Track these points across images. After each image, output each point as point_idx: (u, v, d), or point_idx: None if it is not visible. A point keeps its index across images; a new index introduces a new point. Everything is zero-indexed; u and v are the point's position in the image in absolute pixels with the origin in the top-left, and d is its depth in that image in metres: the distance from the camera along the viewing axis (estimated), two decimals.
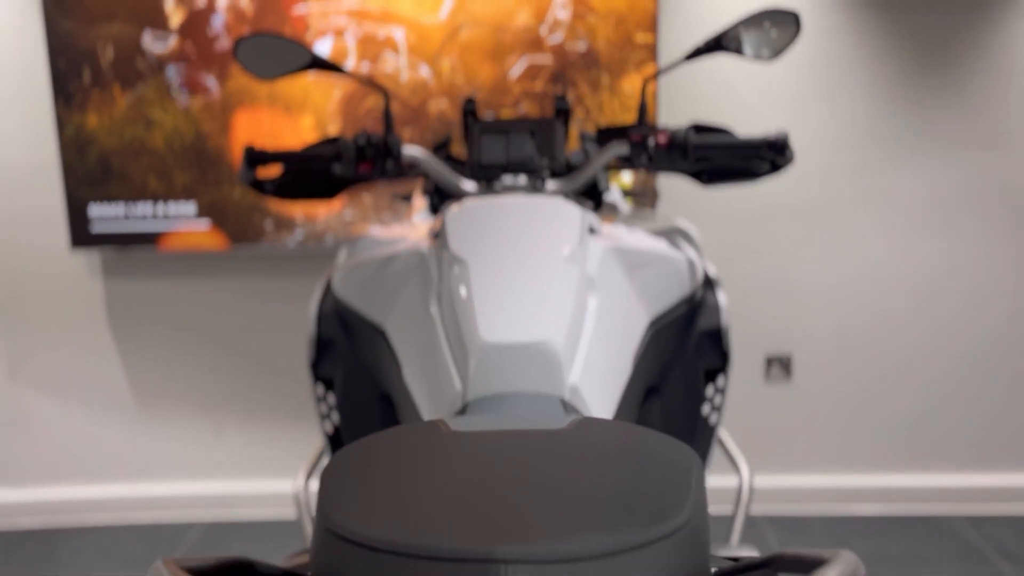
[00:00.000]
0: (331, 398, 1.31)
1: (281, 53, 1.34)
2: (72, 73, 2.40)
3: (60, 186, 2.51)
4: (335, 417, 1.31)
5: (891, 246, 2.59)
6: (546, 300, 0.96)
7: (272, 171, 1.40)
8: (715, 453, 1.35)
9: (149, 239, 2.50)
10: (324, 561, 0.46)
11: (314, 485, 1.48)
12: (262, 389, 2.69)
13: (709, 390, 1.35)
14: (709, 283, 1.30)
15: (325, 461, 1.52)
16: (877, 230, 2.59)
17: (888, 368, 2.65)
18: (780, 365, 2.64)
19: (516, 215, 1.12)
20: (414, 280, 1.11)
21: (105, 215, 2.48)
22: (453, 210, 1.15)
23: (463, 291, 0.97)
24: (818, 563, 0.44)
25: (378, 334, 1.14)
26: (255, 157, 1.32)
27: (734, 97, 2.51)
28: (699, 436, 1.30)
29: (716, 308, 1.29)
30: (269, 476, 2.71)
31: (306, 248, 2.50)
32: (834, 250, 2.60)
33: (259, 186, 1.38)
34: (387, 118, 1.36)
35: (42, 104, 2.49)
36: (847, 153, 2.55)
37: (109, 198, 2.47)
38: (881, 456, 2.70)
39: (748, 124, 1.80)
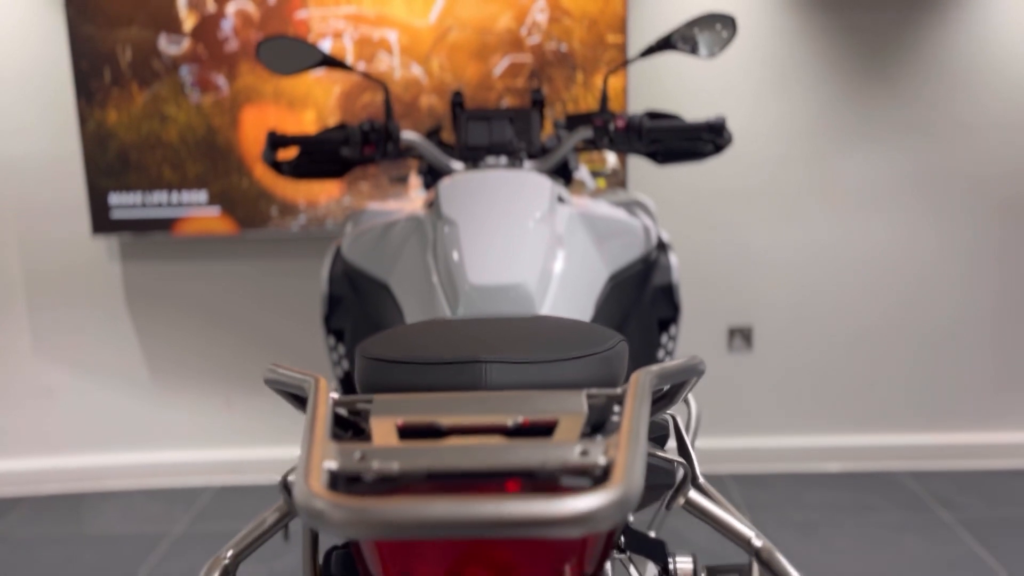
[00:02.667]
0: (341, 348, 1.53)
1: (296, 53, 1.57)
2: (93, 73, 2.62)
3: (82, 177, 2.72)
4: (345, 364, 1.53)
5: (842, 226, 2.82)
6: (521, 252, 1.19)
7: (288, 154, 1.63)
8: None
9: (164, 225, 2.71)
10: (364, 379, 0.69)
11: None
12: (268, 362, 2.89)
13: (663, 337, 1.58)
14: (662, 246, 1.52)
15: None
16: (829, 211, 2.82)
17: (840, 338, 2.89)
18: (742, 336, 2.88)
19: (497, 185, 1.34)
20: (413, 240, 1.33)
21: (123, 203, 2.69)
22: (445, 182, 1.37)
23: (454, 245, 1.19)
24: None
25: (382, 288, 1.36)
26: (277, 140, 1.55)
27: (696, 93, 2.74)
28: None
29: (668, 267, 1.51)
30: (275, 443, 2.91)
31: (308, 231, 2.72)
32: (790, 230, 2.83)
33: (278, 166, 1.61)
34: (387, 107, 1.59)
35: (66, 102, 2.70)
36: (800, 142, 2.78)
37: (127, 187, 2.68)
38: (834, 419, 2.93)
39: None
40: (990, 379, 2.91)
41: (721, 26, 1.56)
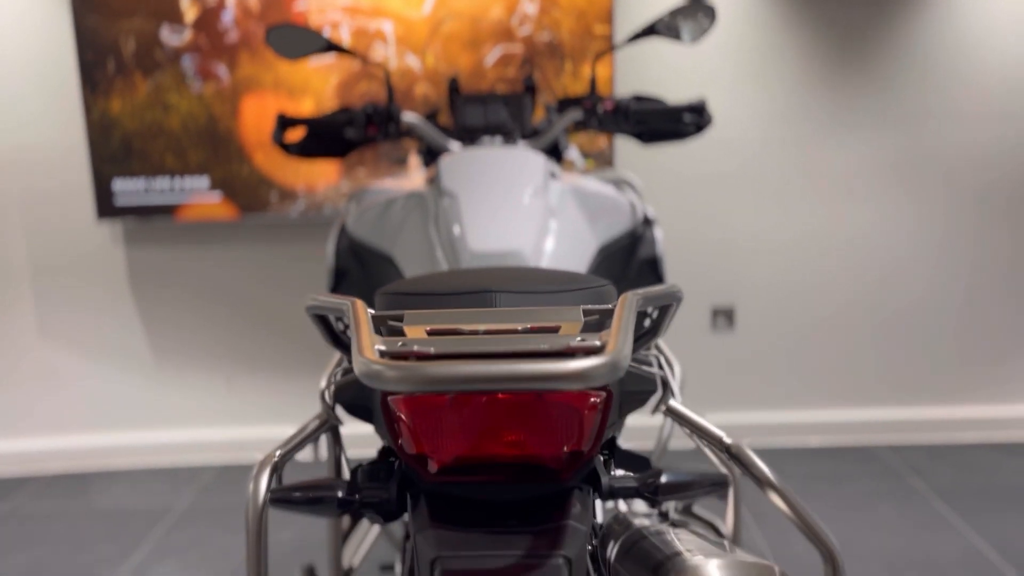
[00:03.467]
0: (347, 319, 1.62)
1: (302, 39, 1.66)
2: (97, 63, 2.70)
3: (87, 164, 2.80)
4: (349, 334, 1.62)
5: (820, 209, 2.94)
6: (518, 222, 1.28)
7: (296, 135, 1.72)
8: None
9: (167, 210, 2.80)
10: (387, 305, 0.79)
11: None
12: (268, 344, 2.99)
13: (649, 307, 1.69)
14: (648, 221, 1.62)
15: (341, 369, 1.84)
16: (807, 196, 2.94)
17: (819, 318, 3.01)
18: (724, 316, 2.99)
19: (494, 161, 1.44)
20: (415, 214, 1.43)
21: (127, 189, 2.78)
22: (445, 159, 1.47)
23: (455, 216, 1.29)
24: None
25: (387, 260, 1.45)
26: (286, 121, 1.64)
27: (680, 82, 2.85)
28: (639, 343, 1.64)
29: (653, 241, 1.61)
30: (275, 422, 3.00)
31: (307, 217, 2.81)
32: (771, 214, 2.95)
33: (286, 147, 1.71)
34: (388, 90, 1.69)
35: (71, 91, 2.78)
36: (780, 129, 2.89)
37: (131, 174, 2.77)
38: (814, 395, 3.05)
39: None
40: (962, 357, 3.04)
41: (703, 15, 1.66)
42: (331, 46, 1.65)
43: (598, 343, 0.53)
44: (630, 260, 1.59)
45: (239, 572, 2.26)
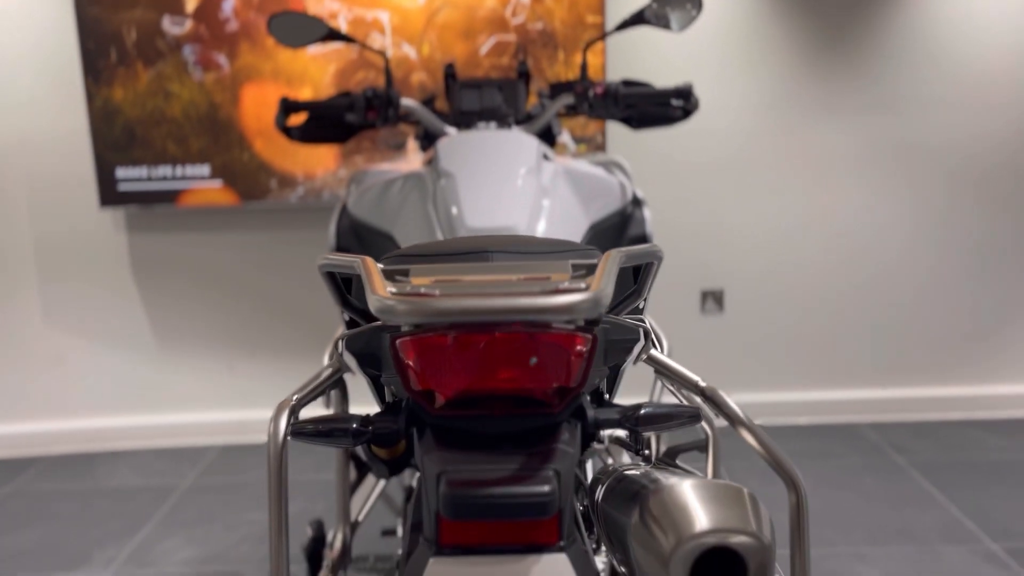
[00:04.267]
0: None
1: (304, 27, 1.72)
2: (100, 53, 2.76)
3: (90, 152, 2.86)
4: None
5: (806, 195, 3.02)
6: (512, 199, 1.35)
7: (297, 120, 1.78)
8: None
9: (169, 197, 2.86)
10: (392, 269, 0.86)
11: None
12: (269, 328, 3.06)
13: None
14: (637, 201, 1.69)
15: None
16: (794, 182, 3.01)
17: (805, 300, 3.09)
18: (714, 299, 3.07)
19: (490, 142, 1.51)
20: (414, 194, 1.49)
21: (130, 176, 2.84)
22: (442, 141, 1.54)
23: (452, 195, 1.35)
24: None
25: (387, 238, 1.52)
26: (289, 105, 1.70)
27: (672, 70, 2.92)
28: (624, 303, 1.72)
29: (643, 220, 1.69)
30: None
31: (306, 203, 2.88)
32: (758, 199, 3.02)
33: (288, 131, 1.77)
34: (387, 76, 1.75)
35: (74, 80, 2.84)
36: (767, 116, 2.97)
37: (133, 161, 2.83)
38: (801, 375, 3.14)
39: None
40: (944, 338, 3.12)
41: (690, 4, 1.73)
42: (332, 33, 1.71)
43: (583, 285, 0.60)
44: (620, 238, 1.66)
45: (244, 545, 2.34)
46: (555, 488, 0.59)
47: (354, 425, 0.72)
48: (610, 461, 1.21)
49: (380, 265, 0.72)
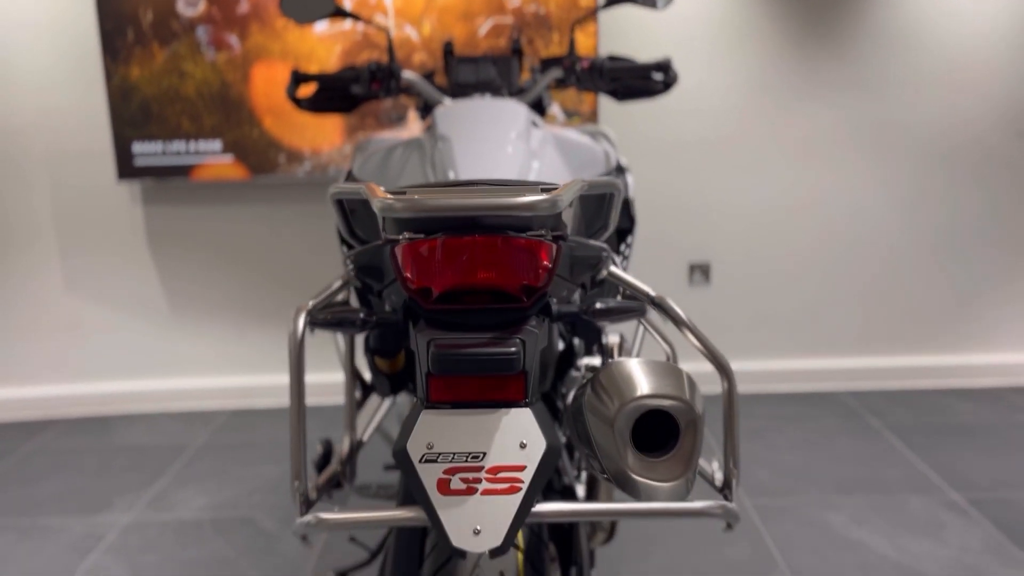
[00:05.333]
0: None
1: (313, 3, 1.87)
2: (118, 33, 2.91)
3: (108, 127, 3.01)
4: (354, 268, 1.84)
5: (789, 172, 3.16)
6: (503, 160, 1.50)
7: (307, 91, 1.93)
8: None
9: (182, 171, 3.01)
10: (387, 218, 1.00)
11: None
12: (277, 297, 3.21)
13: (621, 245, 1.91)
14: (620, 168, 1.84)
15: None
16: (778, 159, 3.16)
17: (789, 273, 3.24)
18: (701, 271, 3.22)
19: (483, 109, 1.66)
20: (414, 157, 1.64)
21: (146, 151, 2.99)
22: (440, 109, 1.69)
23: (448, 156, 1.50)
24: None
25: None
26: (300, 77, 1.85)
27: (660, 53, 3.06)
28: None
29: (626, 185, 1.83)
30: (283, 371, 3.23)
31: (312, 177, 3.02)
32: (744, 176, 3.17)
33: (298, 101, 1.92)
34: (390, 50, 1.89)
35: (93, 60, 2.98)
36: (752, 97, 3.11)
37: (149, 137, 2.98)
38: (783, 346, 3.29)
39: None
40: (921, 310, 3.27)
41: None
42: (340, 11, 1.85)
43: (550, 195, 0.75)
44: (602, 201, 1.80)
45: (257, 495, 2.49)
46: (520, 351, 0.75)
47: (361, 316, 0.87)
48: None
49: (382, 189, 0.87)
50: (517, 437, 0.75)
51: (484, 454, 0.75)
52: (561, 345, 1.34)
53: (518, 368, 0.74)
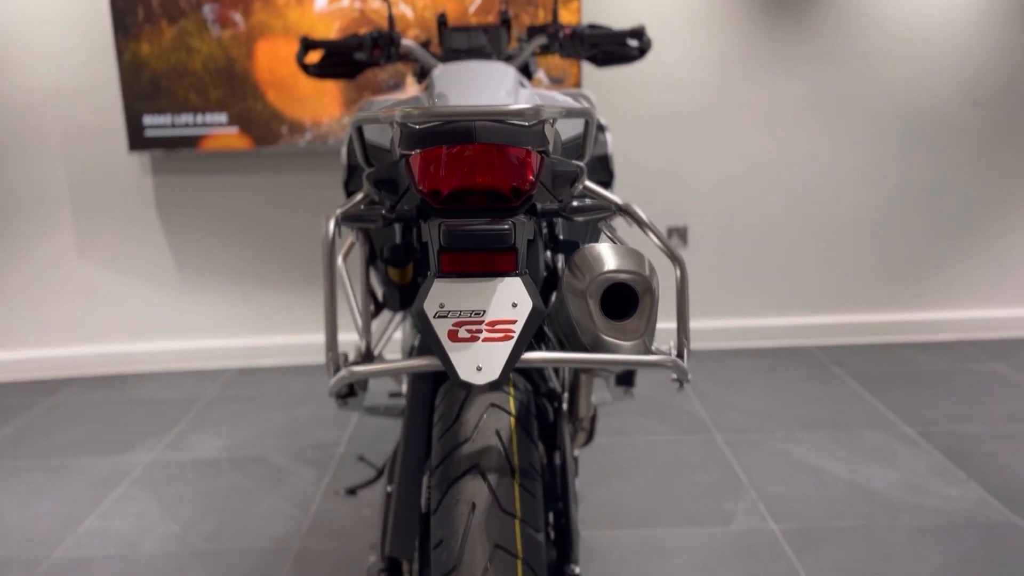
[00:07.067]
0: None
1: None
2: (128, 11, 3.08)
3: (119, 101, 3.19)
4: None
5: (761, 140, 3.37)
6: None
7: (314, 57, 2.12)
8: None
9: (190, 142, 3.19)
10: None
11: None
12: (280, 262, 3.40)
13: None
14: (601, 127, 2.04)
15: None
16: (750, 128, 3.36)
17: (761, 235, 3.45)
18: (679, 235, 3.43)
19: (475, 69, 1.85)
20: None
21: (155, 123, 3.17)
22: (436, 70, 1.88)
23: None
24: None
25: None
26: (308, 43, 2.04)
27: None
28: (593, 227, 2.07)
29: (605, 142, 2.02)
30: (285, 332, 3.43)
31: (313, 147, 3.21)
32: (718, 144, 3.37)
33: (306, 67, 2.11)
34: (390, 20, 2.09)
35: (105, 36, 3.16)
36: (724, 70, 3.31)
37: (159, 110, 3.16)
38: (756, 304, 3.51)
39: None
40: (885, 269, 3.50)
41: None
42: None
43: (531, 105, 0.95)
44: (583, 157, 2.00)
45: (268, 437, 2.69)
46: (511, 230, 0.95)
47: (383, 211, 1.07)
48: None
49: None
50: (509, 298, 0.96)
51: (484, 311, 0.95)
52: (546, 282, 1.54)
53: (510, 243, 0.95)
